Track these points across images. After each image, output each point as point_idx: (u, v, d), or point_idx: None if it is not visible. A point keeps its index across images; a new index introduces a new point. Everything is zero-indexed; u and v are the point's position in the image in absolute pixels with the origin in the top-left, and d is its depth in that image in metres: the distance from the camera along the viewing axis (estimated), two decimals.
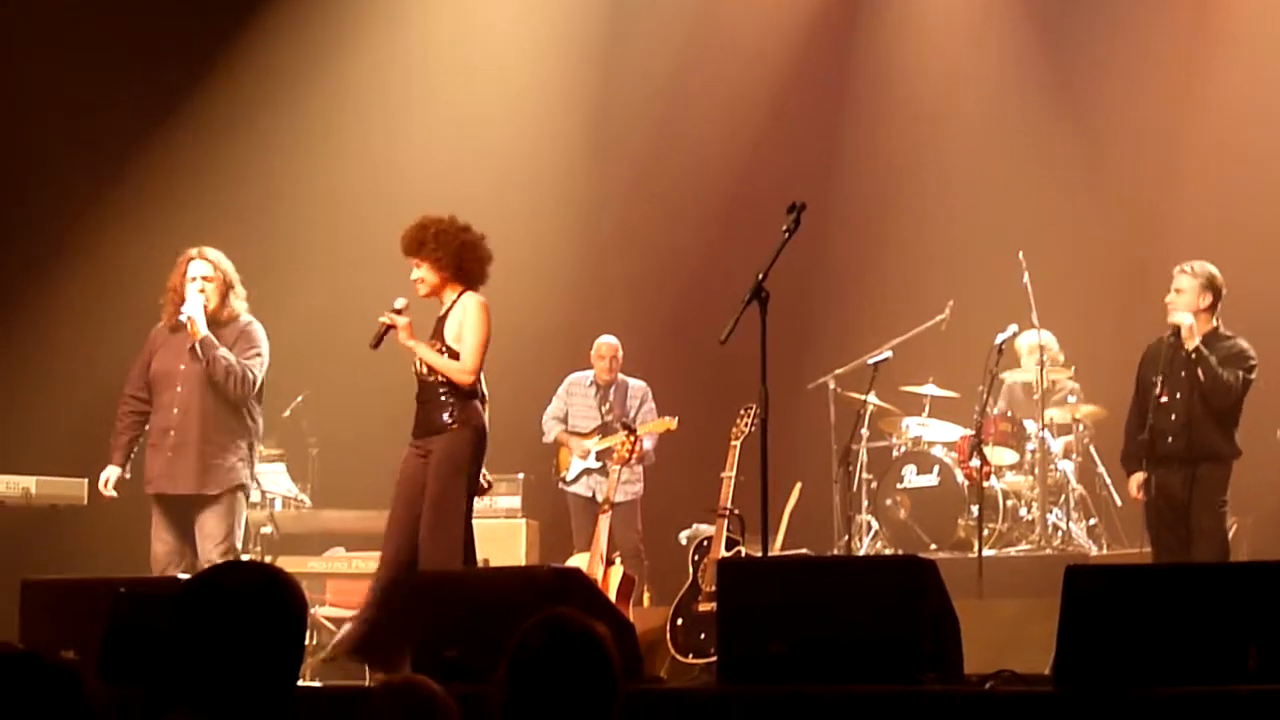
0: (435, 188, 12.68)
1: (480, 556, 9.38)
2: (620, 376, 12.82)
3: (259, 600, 3.47)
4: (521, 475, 13.14)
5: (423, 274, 9.03)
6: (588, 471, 12.54)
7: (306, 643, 5.49)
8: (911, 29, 14.75)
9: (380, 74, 14.24)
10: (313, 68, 13.93)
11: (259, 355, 9.62)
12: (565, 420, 12.78)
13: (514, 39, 14.61)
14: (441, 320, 9.05)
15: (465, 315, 9.00)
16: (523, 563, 12.38)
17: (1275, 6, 13.73)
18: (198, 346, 9.42)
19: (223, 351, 9.44)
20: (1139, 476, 10.08)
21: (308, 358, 12.26)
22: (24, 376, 12.66)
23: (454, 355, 8.95)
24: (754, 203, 13.06)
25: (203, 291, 9.53)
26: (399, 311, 9.00)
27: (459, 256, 9.03)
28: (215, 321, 9.56)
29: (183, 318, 9.46)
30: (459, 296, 9.06)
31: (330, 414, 12.75)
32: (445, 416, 8.94)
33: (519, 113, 14.56)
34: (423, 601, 7.51)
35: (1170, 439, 9.91)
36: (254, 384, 9.59)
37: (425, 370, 9.00)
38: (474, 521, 9.08)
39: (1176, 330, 9.93)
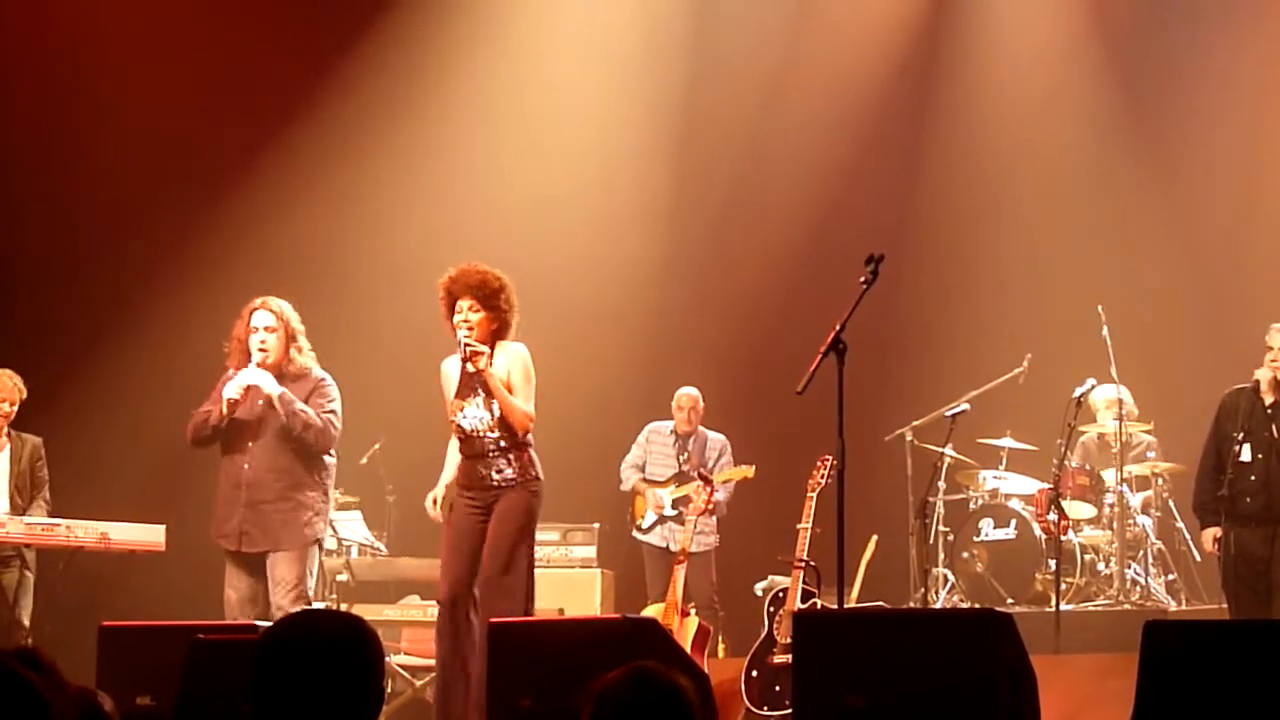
0: (508, 251, 12.76)
1: (555, 606, 9.41)
2: (700, 428, 12.83)
3: (340, 649, 3.50)
4: (598, 525, 13.15)
5: (479, 318, 8.99)
6: (663, 520, 12.55)
7: (383, 690, 5.51)
8: (991, 81, 14.73)
9: (455, 131, 14.29)
10: (387, 119, 14.03)
11: (335, 406, 9.62)
12: (643, 469, 12.80)
13: (589, 97, 14.66)
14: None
15: (514, 361, 9.00)
16: (598, 612, 12.37)
17: None
18: (276, 404, 9.39)
19: (300, 405, 9.44)
20: (1214, 531, 10.04)
21: (384, 406, 12.32)
22: (102, 425, 12.77)
23: None
24: (833, 254, 13.06)
25: (264, 345, 9.48)
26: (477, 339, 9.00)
27: (499, 302, 9.02)
28: (283, 374, 9.52)
29: (233, 393, 9.40)
30: (497, 345, 9.05)
31: (406, 462, 12.79)
32: (506, 471, 8.96)
33: (600, 164, 14.60)
34: (496, 650, 7.53)
35: (1249, 499, 9.87)
36: (335, 436, 9.61)
37: (475, 424, 8.97)
38: (550, 571, 9.10)
39: (1258, 383, 9.89)
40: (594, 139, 14.64)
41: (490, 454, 8.97)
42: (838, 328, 8.31)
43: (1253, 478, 9.86)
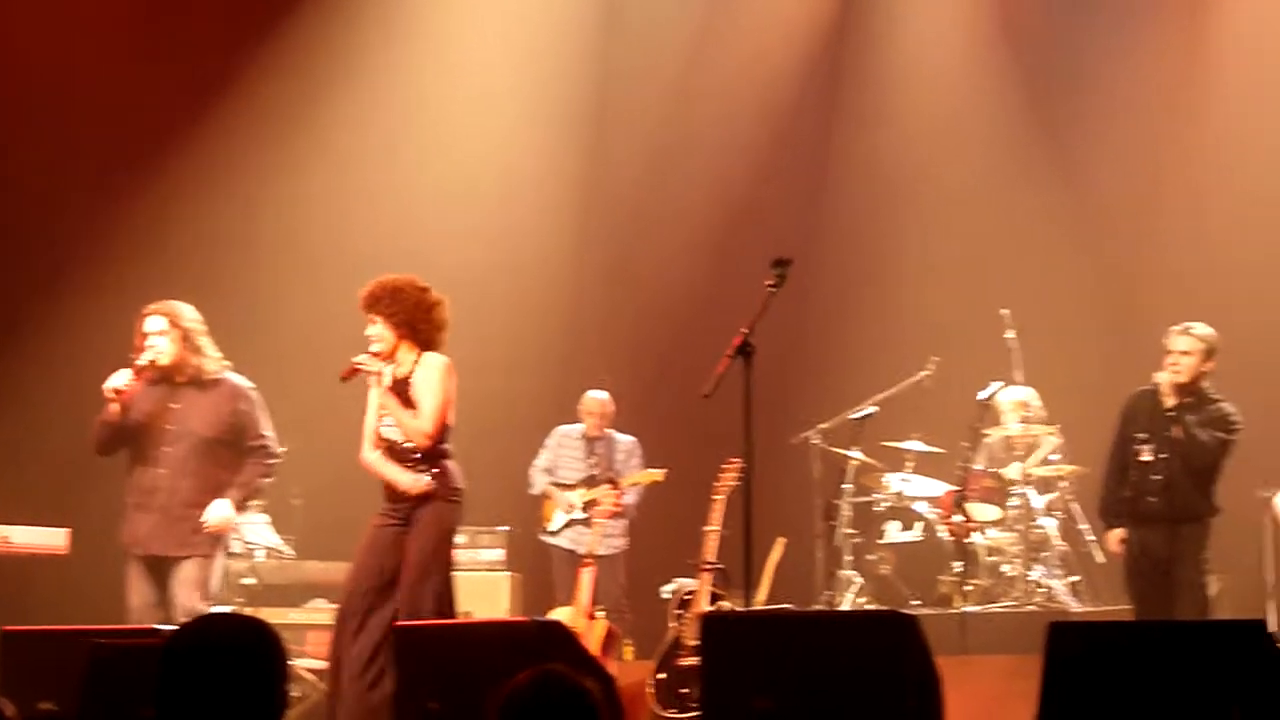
0: (418, 245, 12.74)
1: (463, 609, 9.38)
2: (609, 431, 12.82)
3: (243, 653, 3.48)
4: (506, 528, 13.12)
5: (378, 331, 8.95)
6: (572, 524, 12.54)
7: (288, 694, 5.47)
8: (898, 85, 14.80)
9: (360, 128, 14.22)
10: (298, 114, 13.94)
11: (266, 430, 9.64)
12: (552, 472, 12.78)
13: (502, 96, 14.63)
14: (403, 382, 8.98)
15: (425, 375, 8.95)
16: (506, 616, 12.35)
17: (1258, 69, 13.79)
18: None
19: (240, 489, 9.53)
20: (1119, 532, 10.19)
21: (293, 408, 12.24)
22: (1, 426, 12.63)
23: None
24: (741, 257, 13.08)
25: (152, 347, 9.40)
26: (376, 356, 8.96)
27: (414, 316, 8.96)
28: (188, 379, 9.49)
29: (117, 383, 9.37)
30: (418, 357, 9.02)
31: (314, 466, 12.71)
32: (425, 479, 8.93)
33: (506, 167, 14.57)
34: (404, 654, 7.50)
35: (1152, 499, 10.00)
36: (274, 461, 9.67)
37: (395, 435, 8.95)
38: (458, 574, 9.08)
39: (1158, 385, 10.01)
40: (505, 137, 14.60)
41: (409, 465, 8.94)
42: (745, 330, 8.34)
43: (1155, 478, 9.98)
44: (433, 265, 10.31)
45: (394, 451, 8.98)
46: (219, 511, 9.43)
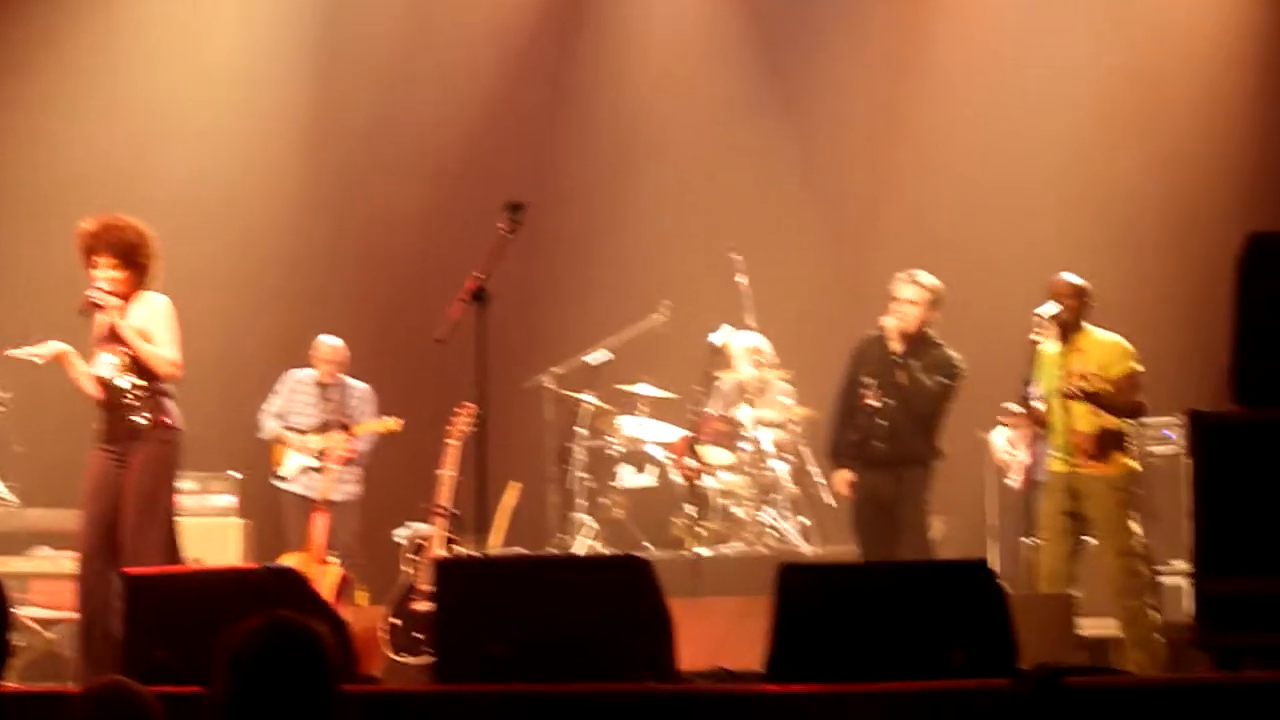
0: (143, 189, 12.49)
1: (192, 556, 9.25)
2: (343, 378, 12.68)
3: None
4: (236, 474, 12.96)
5: (110, 273, 8.80)
6: (305, 470, 12.40)
7: (11, 643, 5.35)
8: (634, 33, 14.81)
9: (88, 72, 13.91)
10: (23, 51, 13.61)
11: None
12: (285, 418, 12.61)
13: (223, 33, 14.39)
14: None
15: (154, 312, 8.85)
16: (237, 563, 12.20)
17: (981, 27, 14.06)
18: None
19: None
20: (846, 474, 10.38)
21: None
22: None
23: None
24: (473, 201, 13.01)
25: None
26: (109, 293, 8.80)
27: (134, 255, 8.85)
28: None
29: None
30: (137, 296, 8.87)
31: (36, 412, 12.42)
32: (142, 420, 8.79)
33: (230, 108, 14.34)
34: (132, 601, 7.36)
35: (877, 442, 10.20)
36: None
37: (111, 374, 8.80)
38: (186, 520, 8.96)
39: (885, 330, 10.20)
40: (231, 79, 14.35)
41: (125, 404, 8.78)
42: (479, 275, 8.32)
43: (881, 422, 10.18)
44: (159, 209, 10.13)
45: (109, 389, 8.82)
46: None
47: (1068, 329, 9.76)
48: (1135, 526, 9.65)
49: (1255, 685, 5.51)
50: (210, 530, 12.32)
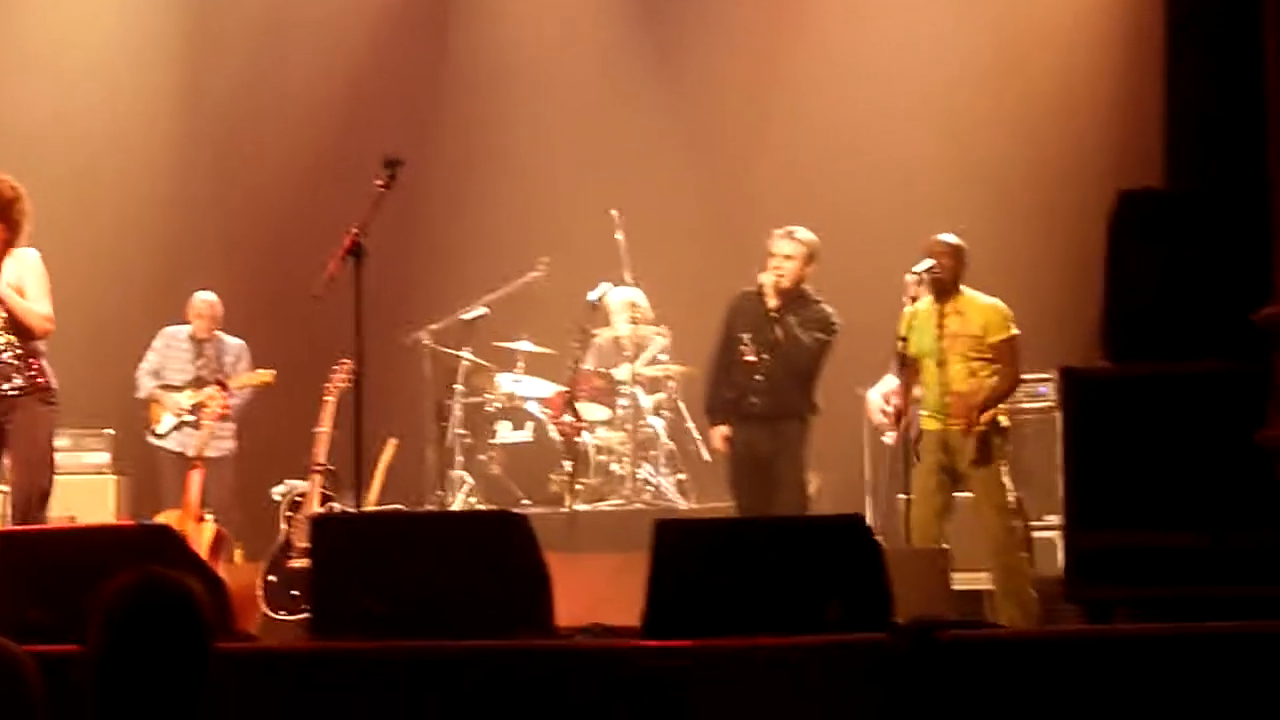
0: (17, 146, 12.29)
1: (67, 513, 9.17)
2: (218, 334, 12.57)
3: None
4: (111, 431, 12.84)
5: None
6: (180, 426, 12.28)
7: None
8: None
9: None
10: None
11: None
12: (160, 375, 12.48)
13: None
14: None
15: (26, 267, 8.77)
16: (112, 520, 12.09)
17: None
18: None
19: None
20: (723, 429, 10.39)
21: None
22: None
23: None
24: (351, 157, 12.90)
25: None
26: None
27: (10, 210, 8.77)
28: None
29: None
30: (9, 253, 8.77)
31: None
32: (17, 380, 8.69)
33: (102, 57, 14.17)
34: (4, 559, 7.26)
35: (754, 398, 10.22)
36: None
37: None
38: (61, 478, 8.88)
39: (762, 287, 10.22)
40: (105, 33, 14.20)
41: (2, 364, 8.68)
42: (356, 231, 8.27)
43: (758, 377, 10.20)
44: (32, 165, 9.98)
45: None
46: None
47: (944, 289, 9.82)
48: (1007, 481, 9.75)
49: (1127, 637, 5.58)
50: (84, 487, 12.22)
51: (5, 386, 8.69)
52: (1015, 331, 9.85)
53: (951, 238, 9.92)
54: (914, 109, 13.65)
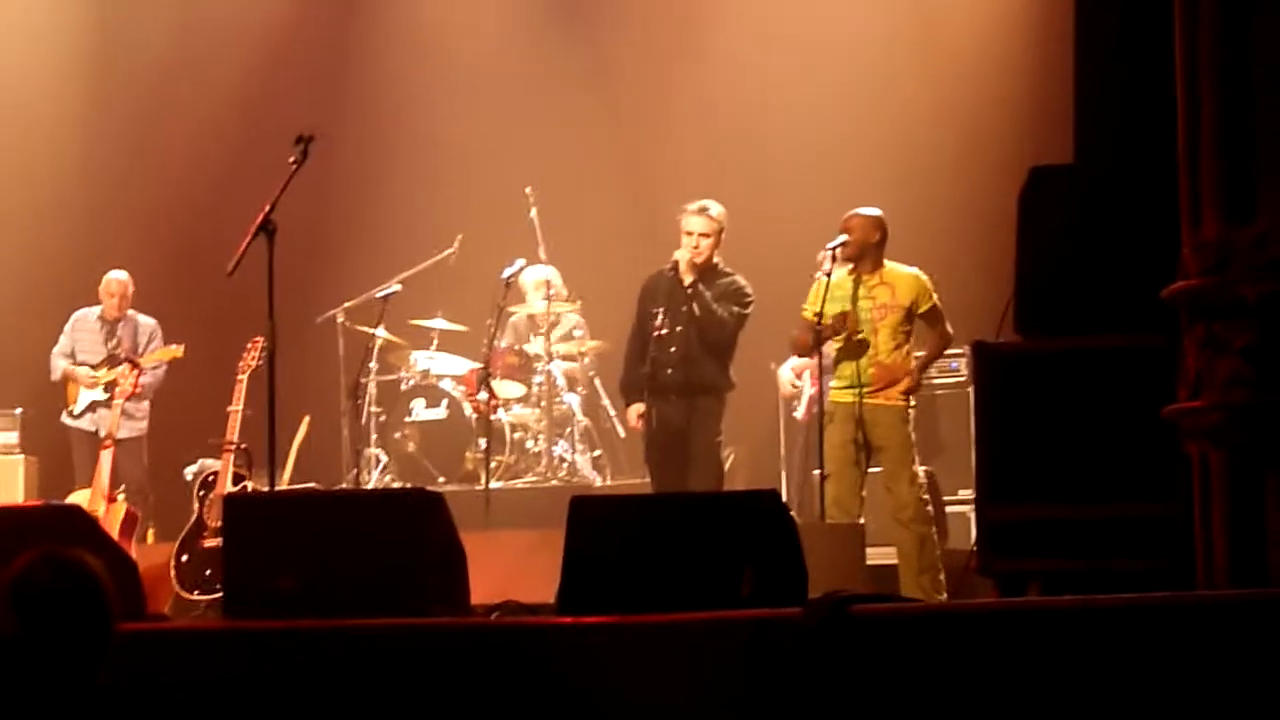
0: None
1: None
2: (130, 313, 12.47)
3: None
4: (20, 410, 12.74)
5: None
6: (94, 406, 12.17)
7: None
8: None
9: None
10: None
11: None
12: (72, 356, 12.37)
13: None
14: None
15: None
16: (20, 500, 11.99)
17: None
18: None
19: None
20: (639, 407, 10.35)
21: None
22: None
23: None
24: (262, 133, 12.83)
25: None
26: None
27: None
28: None
29: None
30: None
31: None
32: None
33: (9, 40, 14.03)
34: None
35: (669, 371, 10.20)
36: None
37: None
38: None
39: (676, 264, 10.21)
40: (16, 11, 14.06)
41: None
42: (268, 208, 8.21)
43: (672, 349, 10.17)
44: None
45: None
46: None
47: (864, 261, 9.85)
48: (915, 456, 9.83)
49: (1038, 610, 5.61)
50: None
51: None
52: (937, 300, 9.91)
53: (868, 210, 9.94)
54: (830, 85, 13.67)
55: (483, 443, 11.65)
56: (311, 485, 11.85)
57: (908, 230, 10.53)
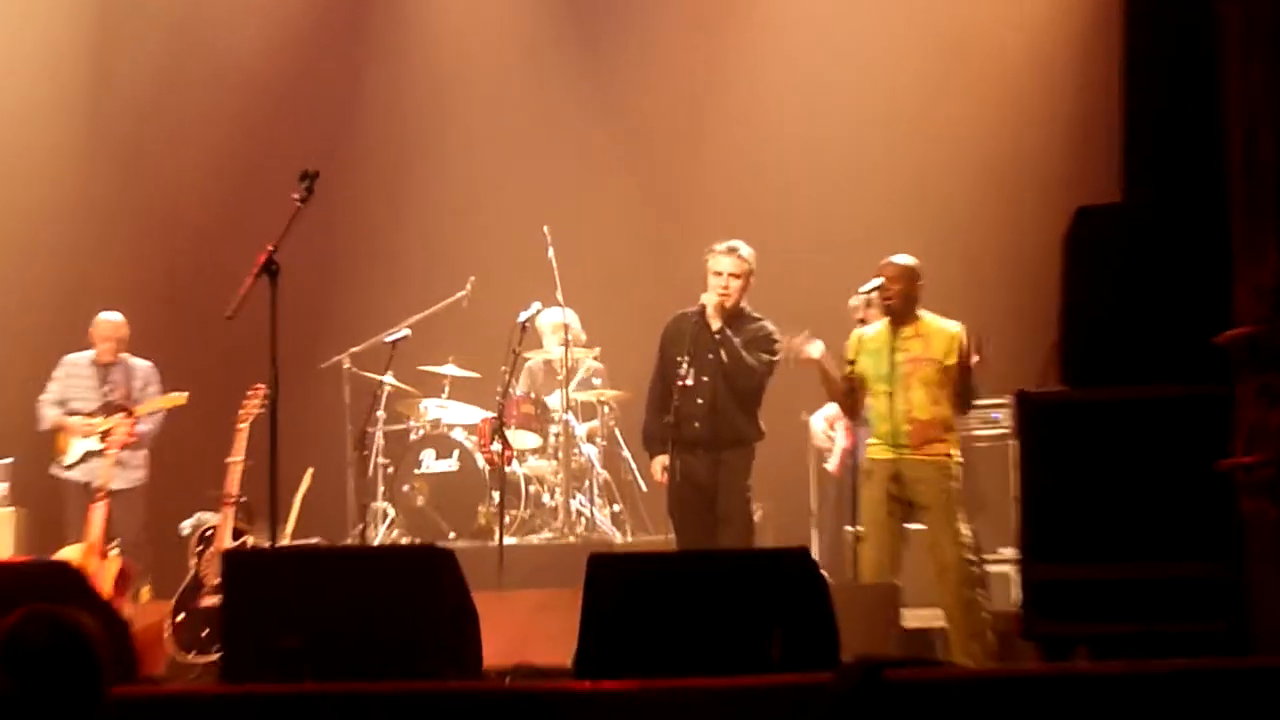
0: None
1: None
2: (124, 357, 12.45)
3: None
4: (9, 460, 12.73)
5: None
6: (88, 456, 12.16)
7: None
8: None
9: None
10: None
11: None
12: (64, 404, 12.36)
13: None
14: None
15: None
16: (9, 555, 11.99)
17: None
18: None
19: None
20: (663, 459, 10.28)
21: None
22: None
23: None
24: (266, 170, 12.85)
25: None
26: None
27: None
28: None
29: None
30: None
31: None
32: None
33: (12, 74, 14.09)
34: None
35: (696, 424, 10.14)
36: None
37: None
38: None
39: (703, 308, 10.18)
40: (9, 42, 14.12)
41: None
42: (271, 248, 8.22)
43: (699, 402, 10.13)
44: None
45: None
46: None
47: (897, 313, 9.77)
48: (961, 515, 9.72)
49: (1086, 677, 5.58)
50: None
51: None
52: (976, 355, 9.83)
53: (904, 259, 9.83)
54: (863, 124, 13.66)
55: (496, 496, 11.63)
56: (315, 541, 11.84)
57: (942, 274, 10.49)
